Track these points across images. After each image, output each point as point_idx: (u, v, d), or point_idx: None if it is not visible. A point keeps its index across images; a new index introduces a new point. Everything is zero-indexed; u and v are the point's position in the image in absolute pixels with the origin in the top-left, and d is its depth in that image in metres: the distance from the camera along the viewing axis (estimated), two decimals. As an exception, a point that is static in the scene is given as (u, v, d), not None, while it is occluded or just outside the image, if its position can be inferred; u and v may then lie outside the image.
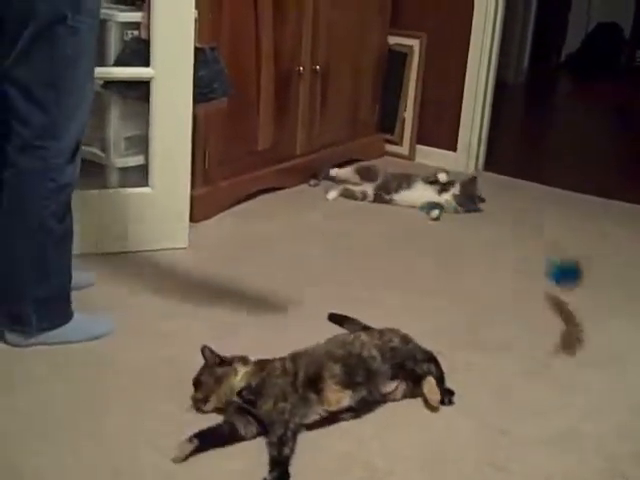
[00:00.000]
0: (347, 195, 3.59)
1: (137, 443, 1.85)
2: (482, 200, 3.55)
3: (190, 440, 1.80)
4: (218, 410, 1.94)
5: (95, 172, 2.90)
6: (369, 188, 3.59)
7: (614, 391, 2.20)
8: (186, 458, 1.78)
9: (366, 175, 3.64)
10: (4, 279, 2.16)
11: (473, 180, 3.59)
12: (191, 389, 1.98)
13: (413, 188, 3.56)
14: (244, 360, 1.98)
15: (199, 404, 1.93)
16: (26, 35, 1.94)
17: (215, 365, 1.94)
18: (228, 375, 1.93)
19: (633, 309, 2.71)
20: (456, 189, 3.53)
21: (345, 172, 3.72)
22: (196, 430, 1.84)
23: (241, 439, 1.85)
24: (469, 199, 3.53)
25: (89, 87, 2.11)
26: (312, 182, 3.74)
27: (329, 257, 2.99)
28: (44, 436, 1.85)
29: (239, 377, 1.93)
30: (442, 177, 3.55)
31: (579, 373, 2.27)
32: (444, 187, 3.55)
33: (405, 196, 3.55)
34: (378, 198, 3.57)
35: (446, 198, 3.52)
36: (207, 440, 1.81)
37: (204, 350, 1.95)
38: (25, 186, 2.07)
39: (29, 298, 2.14)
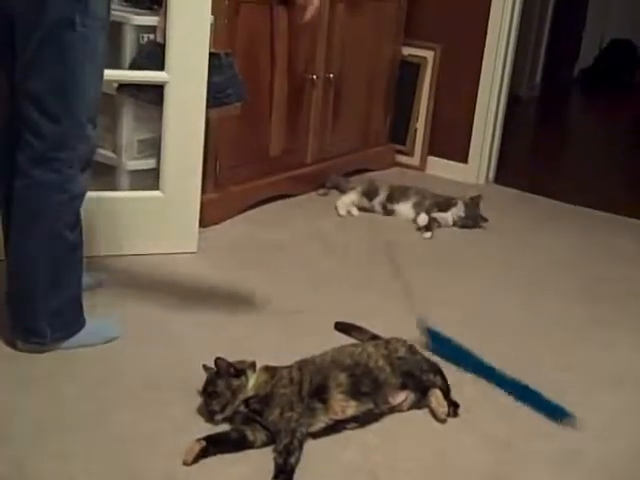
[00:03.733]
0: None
1: (142, 446, 1.84)
2: (484, 220, 3.46)
3: (199, 442, 1.80)
4: (226, 419, 1.94)
5: (106, 174, 2.91)
6: (376, 204, 3.55)
7: (623, 413, 2.18)
8: (195, 460, 1.77)
9: (371, 194, 3.56)
10: (18, 294, 2.14)
11: (477, 200, 3.48)
12: (198, 393, 1.98)
13: (409, 202, 3.52)
14: (253, 366, 1.98)
15: (215, 415, 1.91)
16: (34, 42, 1.92)
17: (231, 376, 1.92)
18: (241, 386, 1.92)
19: (638, 327, 2.69)
20: (460, 209, 3.44)
21: (350, 199, 3.56)
22: (202, 431, 1.84)
23: (250, 446, 1.85)
24: (471, 220, 3.45)
25: (95, 91, 2.07)
26: (321, 191, 3.73)
27: (338, 265, 2.99)
28: (51, 438, 1.84)
29: (250, 386, 1.93)
30: (421, 220, 3.40)
31: (587, 392, 2.26)
32: (444, 205, 3.48)
33: (403, 208, 3.52)
34: (385, 210, 3.56)
35: (443, 216, 3.45)
36: (215, 444, 1.81)
37: (218, 361, 1.93)
38: (39, 198, 2.04)
39: (43, 311, 2.12)
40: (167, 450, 1.82)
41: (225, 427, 1.91)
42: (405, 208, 3.52)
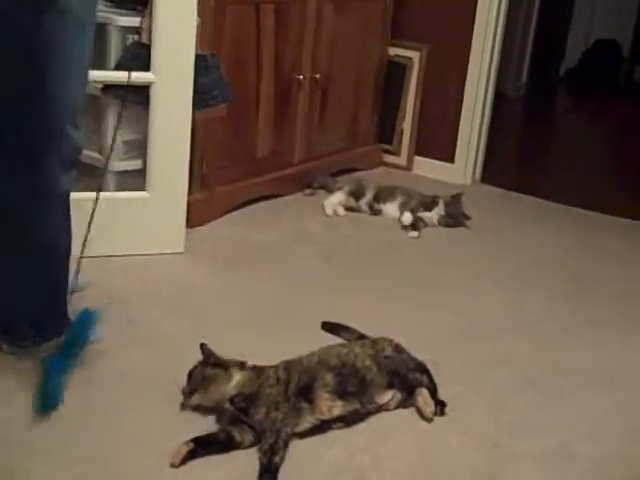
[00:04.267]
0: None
1: (130, 449, 1.84)
2: (467, 218, 3.47)
3: (186, 443, 1.80)
4: (202, 408, 1.95)
5: (92, 175, 2.90)
6: (363, 204, 3.56)
7: (611, 413, 2.18)
8: (183, 462, 1.77)
9: (358, 194, 3.56)
10: (2, 294, 2.12)
11: (458, 198, 3.48)
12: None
13: (396, 202, 3.52)
14: (242, 365, 1.98)
15: (184, 396, 1.95)
16: (5, 42, 1.86)
17: (208, 365, 1.94)
18: (218, 378, 1.93)
19: (627, 325, 2.71)
20: (440, 208, 3.45)
21: (337, 199, 3.54)
22: (190, 432, 1.84)
23: (237, 447, 1.85)
24: (454, 219, 3.46)
25: (75, 90, 2.02)
26: (307, 192, 3.73)
27: (325, 265, 2.99)
28: (39, 439, 1.84)
29: (233, 383, 1.93)
30: (405, 219, 3.41)
31: (575, 392, 2.26)
32: (430, 205, 3.48)
33: (390, 208, 3.53)
34: (372, 210, 3.56)
35: (428, 215, 3.46)
36: (203, 445, 1.81)
37: (203, 347, 1.96)
38: (22, 199, 2.01)
39: (27, 315, 2.12)
40: (155, 452, 1.81)
41: (212, 428, 1.91)
42: (391, 208, 3.52)
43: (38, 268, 2.09)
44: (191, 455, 1.79)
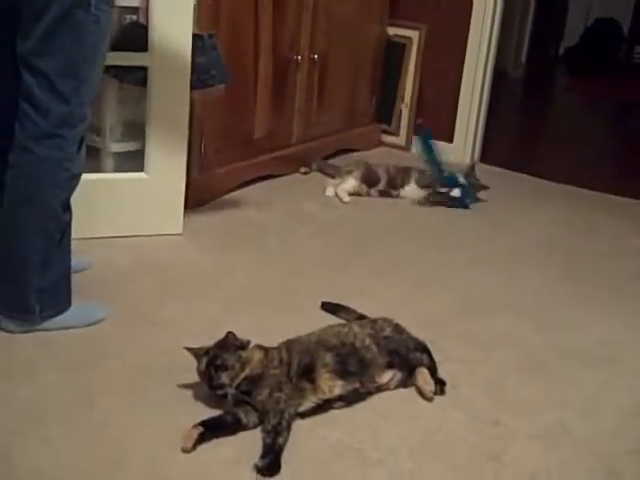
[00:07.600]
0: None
1: (129, 430, 1.84)
2: (485, 187, 3.56)
3: (196, 427, 1.79)
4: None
5: (91, 156, 2.89)
6: (374, 190, 3.54)
7: (605, 390, 2.19)
8: (195, 446, 1.77)
9: (371, 180, 3.53)
10: (9, 268, 2.13)
11: (472, 168, 3.59)
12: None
13: (417, 182, 3.55)
14: (248, 344, 1.97)
15: (225, 388, 1.89)
16: (48, 21, 1.92)
17: (239, 348, 1.92)
18: (250, 358, 1.92)
19: (621, 304, 2.71)
20: (462, 180, 3.52)
21: (351, 186, 3.49)
22: (189, 416, 1.84)
23: (243, 429, 1.85)
24: (474, 189, 3.54)
25: (99, 73, 2.11)
26: (302, 170, 3.73)
27: (324, 246, 2.99)
28: (38, 423, 1.84)
29: (252, 363, 1.93)
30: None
31: (571, 370, 2.27)
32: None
33: (412, 189, 3.54)
34: (384, 194, 3.55)
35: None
36: (212, 429, 1.81)
37: (229, 335, 1.92)
38: (40, 175, 2.05)
39: (33, 287, 2.12)
40: (153, 434, 1.82)
41: (209, 411, 1.91)
42: (411, 189, 3.53)
43: (46, 242, 2.11)
44: (201, 439, 1.79)
